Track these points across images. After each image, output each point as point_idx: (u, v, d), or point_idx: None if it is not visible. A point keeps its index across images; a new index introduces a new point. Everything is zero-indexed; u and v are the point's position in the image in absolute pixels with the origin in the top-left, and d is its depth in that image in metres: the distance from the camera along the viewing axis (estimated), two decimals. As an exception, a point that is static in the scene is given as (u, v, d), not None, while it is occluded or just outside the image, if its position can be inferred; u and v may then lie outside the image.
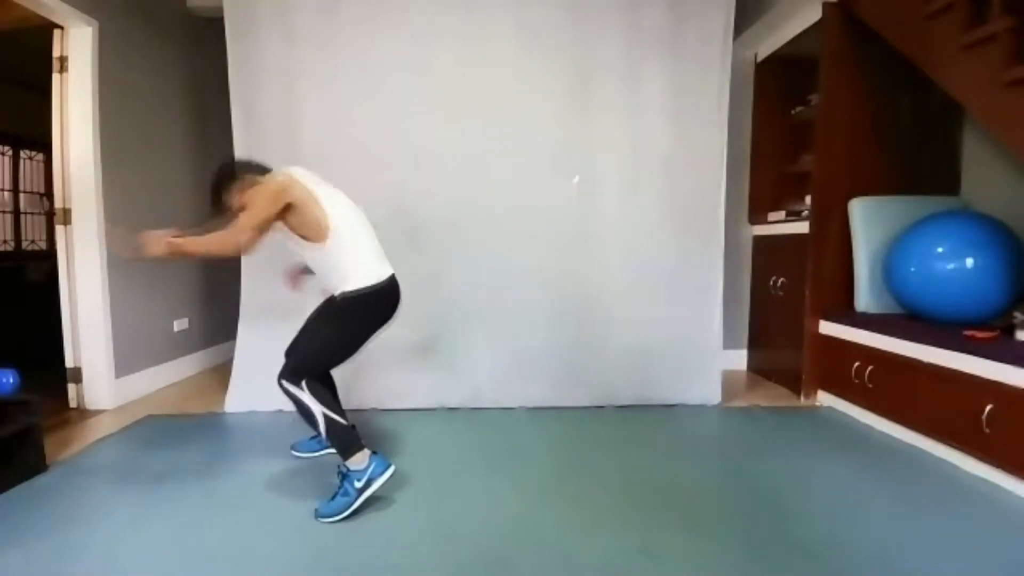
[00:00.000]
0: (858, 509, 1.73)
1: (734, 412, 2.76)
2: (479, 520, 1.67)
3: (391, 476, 1.75)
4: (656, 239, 2.85)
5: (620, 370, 2.83)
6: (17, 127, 4.63)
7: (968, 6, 2.06)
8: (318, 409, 1.73)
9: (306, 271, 2.12)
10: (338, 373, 2.78)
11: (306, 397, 1.75)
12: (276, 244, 2.92)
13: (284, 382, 1.79)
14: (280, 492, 1.88)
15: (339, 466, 1.75)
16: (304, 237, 1.84)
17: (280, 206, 1.76)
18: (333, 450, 1.80)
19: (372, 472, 1.71)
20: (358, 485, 1.70)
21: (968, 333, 2.08)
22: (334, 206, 1.87)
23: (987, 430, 1.89)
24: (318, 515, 1.69)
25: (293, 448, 2.21)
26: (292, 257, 2.07)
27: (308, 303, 2.83)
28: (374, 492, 1.71)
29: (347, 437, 1.74)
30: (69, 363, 2.76)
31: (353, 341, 1.90)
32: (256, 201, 1.75)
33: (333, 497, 1.72)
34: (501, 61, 2.79)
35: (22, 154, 4.98)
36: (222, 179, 1.89)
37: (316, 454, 2.17)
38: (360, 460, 1.73)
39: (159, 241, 1.64)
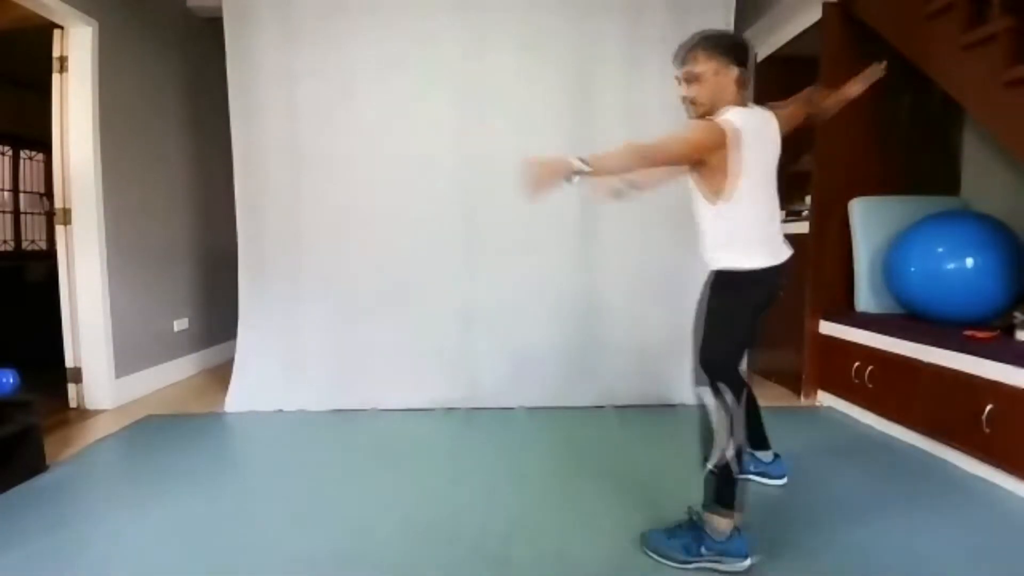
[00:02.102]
0: (858, 509, 1.73)
1: (734, 412, 2.76)
2: (479, 520, 1.67)
3: (744, 570, 1.40)
4: (656, 239, 2.85)
5: (620, 370, 2.82)
6: (17, 127, 4.63)
7: (968, 6, 2.06)
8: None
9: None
10: (337, 373, 2.80)
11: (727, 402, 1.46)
12: (276, 245, 2.90)
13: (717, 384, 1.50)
14: (280, 492, 1.88)
15: (694, 510, 1.49)
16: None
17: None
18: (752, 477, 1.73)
19: (728, 549, 1.41)
20: (704, 552, 1.41)
21: (968, 333, 2.08)
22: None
23: (987, 430, 1.89)
24: (647, 543, 1.49)
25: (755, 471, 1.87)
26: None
27: (308, 303, 2.85)
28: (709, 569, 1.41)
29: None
30: (69, 363, 2.76)
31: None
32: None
33: (672, 534, 1.48)
34: (502, 61, 2.79)
35: (22, 154, 4.98)
36: (712, 45, 1.50)
37: (776, 482, 1.88)
38: (724, 527, 1.42)
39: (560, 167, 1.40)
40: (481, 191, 2.79)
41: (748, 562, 1.40)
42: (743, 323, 1.60)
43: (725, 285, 1.57)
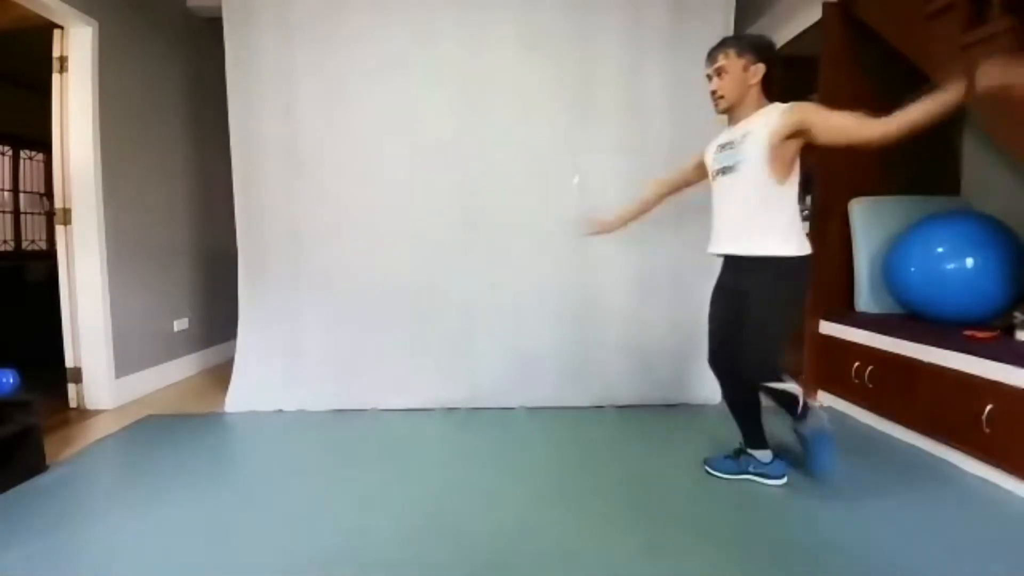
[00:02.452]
0: (858, 509, 1.73)
1: (734, 412, 2.76)
2: (479, 520, 1.67)
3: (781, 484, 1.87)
4: (656, 239, 2.85)
5: (620, 370, 2.82)
6: (17, 127, 4.64)
7: (968, 6, 2.06)
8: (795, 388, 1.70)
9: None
10: (337, 373, 2.80)
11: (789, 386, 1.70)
12: (276, 245, 2.89)
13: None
14: (280, 492, 1.88)
15: (796, 429, 1.77)
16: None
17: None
18: (750, 477, 1.90)
19: (771, 469, 1.87)
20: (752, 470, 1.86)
21: (968, 333, 2.08)
22: None
23: (987, 430, 1.89)
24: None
25: (707, 464, 2.01)
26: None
27: (308, 303, 2.85)
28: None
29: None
30: (69, 363, 2.76)
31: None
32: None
33: (813, 455, 1.74)
34: (502, 61, 2.79)
35: (22, 154, 4.98)
36: (741, 44, 1.71)
37: (732, 476, 1.95)
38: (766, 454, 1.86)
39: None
40: (481, 191, 2.79)
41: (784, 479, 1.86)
42: (799, 311, 1.78)
43: (793, 271, 1.66)
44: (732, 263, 1.86)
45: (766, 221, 1.68)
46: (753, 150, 1.66)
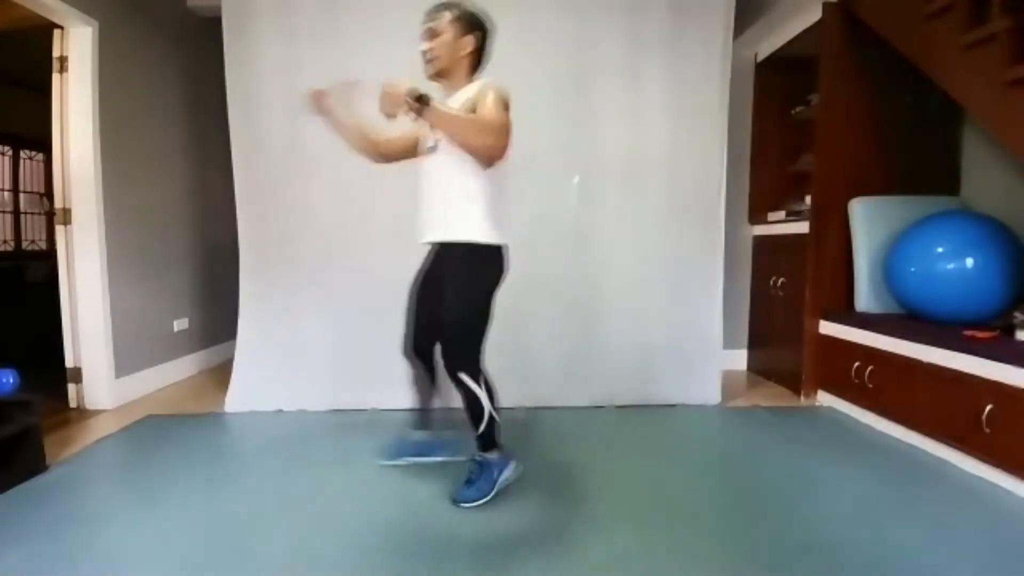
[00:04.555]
0: (858, 509, 1.73)
1: (734, 412, 2.76)
2: (479, 520, 1.67)
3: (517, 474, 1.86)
4: (656, 239, 2.85)
5: (620, 370, 2.82)
6: (17, 127, 4.64)
7: (968, 6, 2.06)
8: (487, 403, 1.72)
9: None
10: (337, 373, 2.80)
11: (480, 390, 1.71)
12: (276, 245, 2.88)
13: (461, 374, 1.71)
14: (280, 492, 1.88)
15: (475, 456, 1.80)
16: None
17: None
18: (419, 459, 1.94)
19: (505, 464, 1.82)
20: (496, 477, 1.78)
21: (968, 333, 2.08)
22: None
23: (987, 430, 1.89)
24: (463, 501, 1.73)
25: (386, 455, 2.05)
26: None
27: (308, 303, 2.85)
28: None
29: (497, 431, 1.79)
30: (69, 363, 2.76)
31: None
32: (497, 105, 1.59)
33: (468, 484, 1.76)
34: (502, 61, 2.77)
35: (22, 154, 4.98)
36: (460, 12, 1.73)
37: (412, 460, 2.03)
38: (497, 456, 1.80)
39: (398, 97, 1.49)
40: (481, 191, 2.78)
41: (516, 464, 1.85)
42: (492, 302, 1.75)
43: (485, 260, 1.69)
44: (433, 249, 1.86)
45: (461, 206, 1.67)
46: None
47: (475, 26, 1.72)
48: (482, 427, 1.75)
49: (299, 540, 1.57)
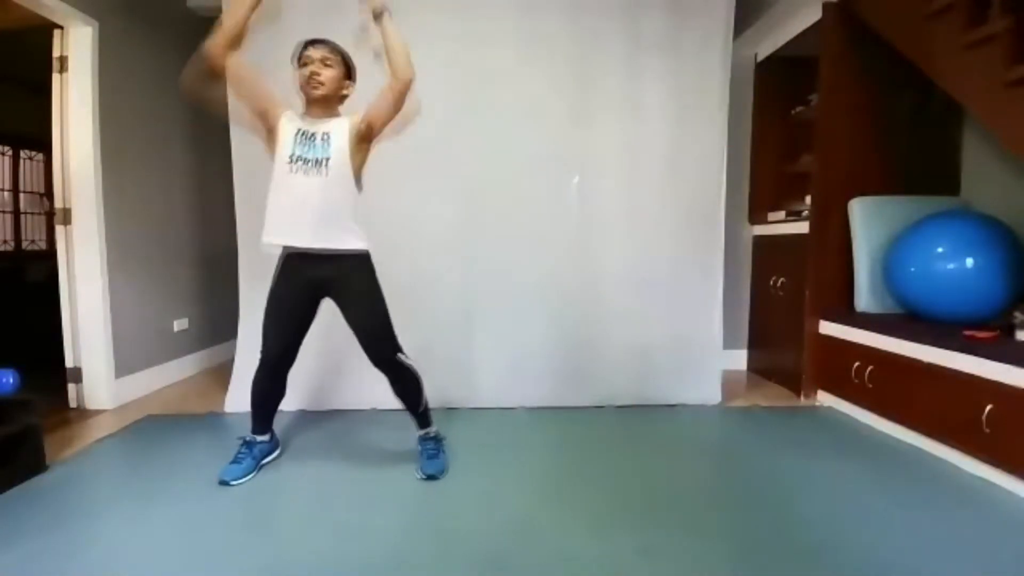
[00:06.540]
0: (858, 509, 1.73)
1: (734, 412, 2.76)
2: (479, 520, 1.67)
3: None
4: (656, 239, 2.85)
5: (620, 370, 2.83)
6: (17, 127, 4.64)
7: (968, 6, 2.06)
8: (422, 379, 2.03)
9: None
10: (336, 373, 2.80)
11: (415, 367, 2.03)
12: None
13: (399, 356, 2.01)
14: (279, 492, 1.88)
15: (428, 432, 2.07)
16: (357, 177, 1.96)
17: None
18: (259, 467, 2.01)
19: (440, 434, 2.12)
20: (442, 445, 2.08)
21: (968, 333, 2.09)
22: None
23: (987, 430, 1.89)
24: (431, 474, 1.93)
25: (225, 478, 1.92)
26: None
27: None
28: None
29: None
30: (69, 363, 2.76)
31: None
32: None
33: (433, 458, 2.01)
34: (501, 61, 2.79)
35: (22, 154, 4.98)
36: (349, 64, 2.03)
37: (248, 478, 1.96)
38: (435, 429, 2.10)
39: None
40: (480, 190, 2.79)
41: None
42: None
43: (371, 266, 2.00)
44: (309, 256, 1.94)
45: (348, 219, 1.95)
46: (338, 154, 1.87)
47: (352, 78, 2.01)
48: (423, 403, 2.04)
49: (299, 540, 1.57)
